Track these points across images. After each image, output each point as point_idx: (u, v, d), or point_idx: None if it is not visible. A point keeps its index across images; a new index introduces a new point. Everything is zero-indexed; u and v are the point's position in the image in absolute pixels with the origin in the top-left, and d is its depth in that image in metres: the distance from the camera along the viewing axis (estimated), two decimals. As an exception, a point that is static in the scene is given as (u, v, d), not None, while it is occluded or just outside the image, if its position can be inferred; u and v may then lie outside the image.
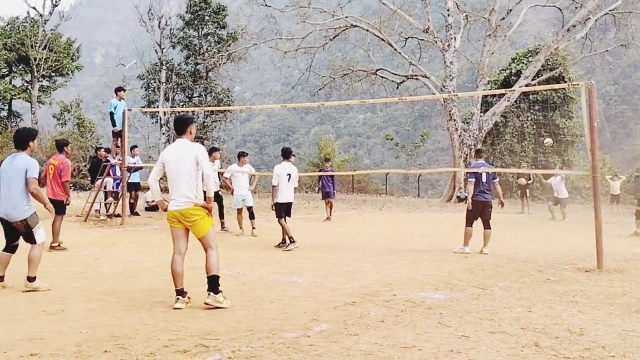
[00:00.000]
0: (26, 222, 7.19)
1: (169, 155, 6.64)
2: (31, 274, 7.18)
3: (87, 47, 53.33)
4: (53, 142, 33.29)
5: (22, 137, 7.51)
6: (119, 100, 15.84)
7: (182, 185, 6.48)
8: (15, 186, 7.18)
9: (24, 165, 7.23)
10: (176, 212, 6.48)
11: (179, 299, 6.41)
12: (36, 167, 7.32)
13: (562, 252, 11.50)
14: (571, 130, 35.49)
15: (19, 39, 36.52)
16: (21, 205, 7.17)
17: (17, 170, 7.22)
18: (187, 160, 6.50)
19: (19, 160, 7.29)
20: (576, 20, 30.42)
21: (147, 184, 20.56)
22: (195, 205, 6.48)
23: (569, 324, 5.88)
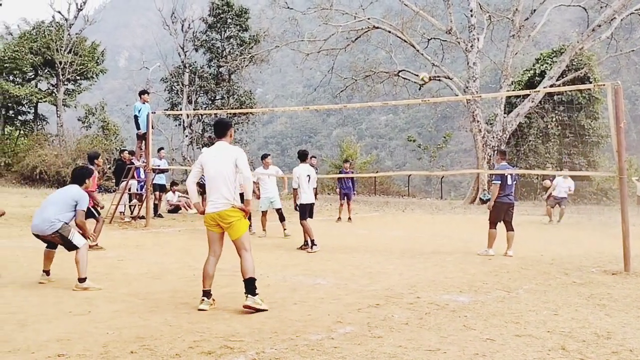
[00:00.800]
0: (59, 233, 7.43)
1: (208, 157, 6.69)
2: (80, 275, 7.41)
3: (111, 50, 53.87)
4: (78, 145, 33.86)
5: (79, 174, 8.02)
6: (143, 103, 15.96)
7: (220, 187, 6.52)
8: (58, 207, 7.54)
9: (77, 196, 7.63)
10: (214, 213, 6.52)
11: (204, 300, 6.45)
12: (86, 200, 7.76)
13: (589, 254, 11.37)
14: (597, 131, 35.08)
15: (44, 43, 37.04)
16: (55, 221, 7.44)
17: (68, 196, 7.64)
18: (227, 163, 6.55)
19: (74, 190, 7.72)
20: (601, 20, 30.06)
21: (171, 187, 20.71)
22: (233, 207, 6.51)
23: (596, 327, 5.80)
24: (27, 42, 37.14)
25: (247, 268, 6.46)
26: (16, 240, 11.64)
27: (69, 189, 7.78)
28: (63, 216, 7.51)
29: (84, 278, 7.40)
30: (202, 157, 6.81)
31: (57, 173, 32.00)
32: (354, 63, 37.56)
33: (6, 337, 5.22)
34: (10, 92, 35.40)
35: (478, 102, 30.94)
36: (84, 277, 7.40)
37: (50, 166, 32.17)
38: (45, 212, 7.51)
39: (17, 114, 39.29)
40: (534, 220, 20.04)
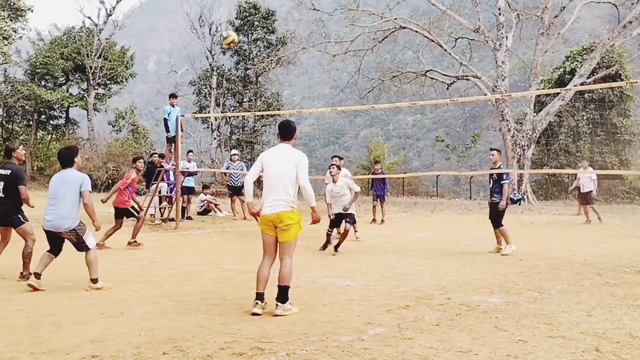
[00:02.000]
0: (75, 232, 7.52)
1: (270, 158, 6.62)
2: (93, 276, 7.56)
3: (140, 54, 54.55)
4: (109, 149, 34.29)
5: (66, 156, 7.88)
6: (172, 106, 16.13)
7: (279, 189, 6.41)
8: (68, 200, 7.53)
9: (79, 179, 7.65)
10: (272, 214, 6.40)
11: (257, 304, 6.31)
12: (88, 181, 7.80)
13: (622, 254, 11.20)
14: (629, 129, 34.54)
15: (75, 48, 37.60)
16: (71, 216, 7.52)
17: (71, 184, 7.60)
18: (289, 165, 6.47)
19: (72, 175, 7.70)
20: (632, 17, 29.56)
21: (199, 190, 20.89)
22: (292, 209, 6.43)
23: (631, 328, 5.72)
24: (58, 47, 37.73)
25: (285, 275, 6.39)
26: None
27: (67, 175, 7.70)
28: (77, 211, 7.57)
29: (96, 279, 7.57)
30: (263, 157, 6.73)
31: (88, 176, 32.43)
32: (381, 63, 37.47)
33: (42, 339, 5.32)
34: (42, 97, 35.98)
35: (507, 101, 30.66)
36: (97, 277, 7.58)
37: (82, 169, 32.29)
38: (59, 208, 7.49)
39: (49, 119, 39.92)
40: (565, 220, 19.79)
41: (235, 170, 18.69)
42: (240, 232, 15.31)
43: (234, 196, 19.05)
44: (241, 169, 19.03)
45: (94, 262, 7.58)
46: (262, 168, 6.63)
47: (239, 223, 17.68)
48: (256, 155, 36.38)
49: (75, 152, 8.04)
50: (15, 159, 8.46)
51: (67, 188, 7.56)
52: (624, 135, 34.61)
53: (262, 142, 37.34)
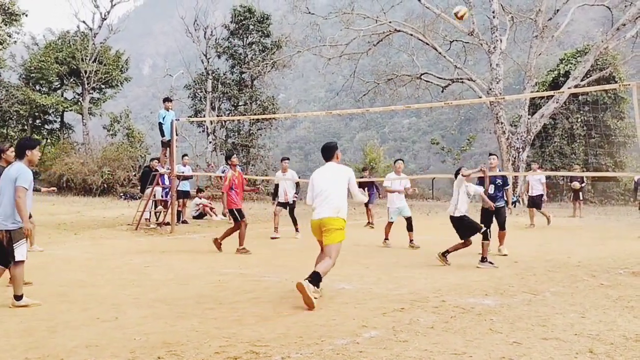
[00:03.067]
0: (9, 234, 6.78)
1: (320, 177, 7.53)
2: (16, 292, 6.83)
3: (135, 58, 54.50)
4: (104, 153, 34.26)
5: (19, 145, 7.15)
6: (167, 110, 16.11)
7: (329, 200, 7.29)
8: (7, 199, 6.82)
9: (15, 173, 6.84)
10: (318, 220, 7.30)
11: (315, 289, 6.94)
12: (27, 176, 6.87)
13: (616, 256, 11.23)
14: (623, 131, 34.63)
15: (70, 53, 37.60)
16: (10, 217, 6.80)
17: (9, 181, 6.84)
18: (340, 181, 7.43)
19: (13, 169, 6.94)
20: (626, 19, 29.67)
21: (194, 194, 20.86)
22: (337, 217, 7.25)
23: (625, 330, 5.74)
24: (53, 52, 37.73)
25: (324, 268, 7.09)
26: (45, 247, 11.80)
27: (9, 170, 6.94)
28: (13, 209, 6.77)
29: (20, 295, 6.81)
30: (314, 177, 7.61)
31: (83, 181, 32.38)
32: (376, 67, 37.53)
33: (36, 344, 5.31)
34: (37, 102, 35.99)
35: (501, 104, 30.73)
36: (21, 294, 6.81)
37: (77, 174, 32.56)
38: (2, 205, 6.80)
39: (43, 123, 39.93)
40: (559, 222, 19.83)
41: (231, 173, 18.64)
42: (236, 236, 15.29)
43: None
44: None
45: (19, 278, 6.82)
46: (314, 186, 7.53)
47: (234, 227, 17.66)
48: (252, 158, 36.45)
49: (32, 144, 7.14)
50: (4, 161, 8.32)
51: (7, 183, 6.82)
52: (619, 137, 34.71)
53: (257, 145, 37.35)
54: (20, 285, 6.83)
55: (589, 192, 31.45)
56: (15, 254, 6.79)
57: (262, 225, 18.74)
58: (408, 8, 39.22)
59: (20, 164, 6.96)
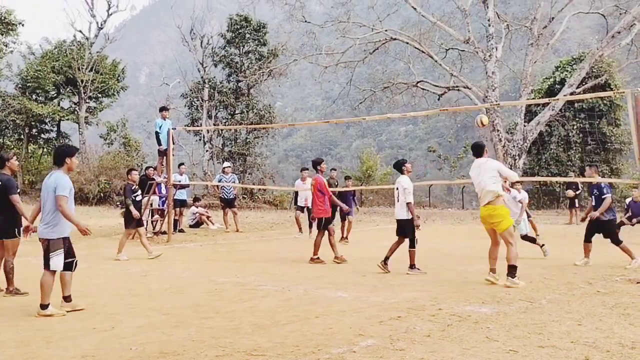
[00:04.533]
0: (48, 242, 6.99)
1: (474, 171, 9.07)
2: (43, 301, 6.91)
3: (131, 67, 54.58)
4: (101, 162, 34.23)
5: (57, 154, 7.26)
6: (164, 119, 16.14)
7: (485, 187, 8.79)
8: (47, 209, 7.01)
9: (54, 183, 6.97)
10: (483, 209, 8.92)
11: (491, 274, 8.93)
12: (65, 185, 7.01)
13: (612, 263, 11.24)
14: (619, 138, 34.70)
15: (66, 62, 37.58)
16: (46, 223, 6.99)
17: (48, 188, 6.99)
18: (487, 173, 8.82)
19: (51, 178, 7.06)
20: (621, 27, 29.81)
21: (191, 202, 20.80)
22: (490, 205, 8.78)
23: (621, 337, 5.75)
24: (49, 61, 37.71)
25: (510, 257, 8.70)
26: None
27: (48, 180, 7.06)
28: (54, 215, 6.93)
29: (46, 305, 6.89)
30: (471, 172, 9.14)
31: (79, 190, 32.30)
32: (373, 75, 37.59)
33: (32, 354, 5.30)
34: (34, 111, 35.92)
35: (498, 111, 30.80)
36: (47, 303, 6.89)
37: (73, 183, 32.28)
38: (43, 213, 7.05)
39: (40, 132, 39.85)
40: (556, 229, 19.86)
41: (228, 182, 18.68)
42: (233, 245, 15.30)
43: (226, 208, 19.02)
44: (233, 181, 19.03)
45: (46, 286, 6.91)
46: None
47: (231, 235, 17.68)
48: (249, 167, 36.40)
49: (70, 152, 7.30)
50: (8, 169, 8.38)
51: (48, 194, 7.00)
52: (615, 144, 34.77)
53: (254, 153, 37.34)
54: (46, 293, 6.87)
55: (585, 199, 31.49)
56: (51, 263, 6.94)
57: (259, 233, 18.75)
58: (404, 16, 39.32)
59: (59, 172, 7.08)
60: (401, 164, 10.82)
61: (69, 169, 7.21)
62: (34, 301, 7.57)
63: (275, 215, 27.20)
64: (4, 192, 8.04)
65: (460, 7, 32.58)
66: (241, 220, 19.93)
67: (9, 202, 8.04)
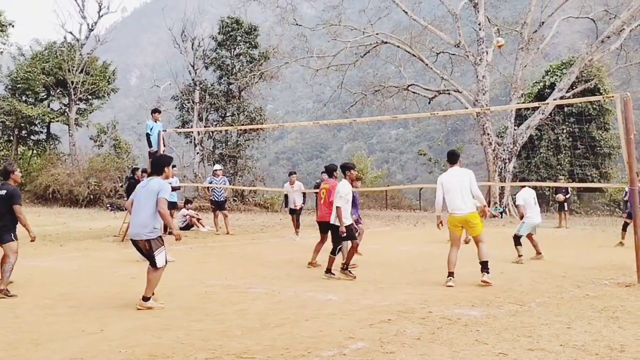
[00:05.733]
0: (150, 243, 7.33)
1: (448, 179, 9.26)
2: (146, 294, 7.36)
3: (122, 69, 54.29)
4: (91, 164, 34.08)
5: (157, 163, 7.80)
6: (155, 121, 16.07)
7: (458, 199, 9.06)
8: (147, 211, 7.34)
9: (157, 187, 7.38)
10: (460, 217, 9.11)
11: (450, 279, 9.06)
12: (168, 189, 7.54)
13: (601, 266, 11.29)
14: (608, 142, 34.92)
15: (56, 64, 37.44)
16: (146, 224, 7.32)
17: (150, 192, 7.39)
18: (464, 181, 9.09)
19: (153, 183, 7.48)
20: (610, 31, 30.03)
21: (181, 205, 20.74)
22: (473, 212, 9.12)
23: (610, 341, 5.77)
24: (40, 62, 37.57)
25: (483, 253, 9.15)
26: (30, 260, 11.72)
27: (149, 183, 7.54)
28: (155, 216, 7.32)
29: (148, 297, 7.35)
30: (442, 179, 9.34)
31: (69, 192, 32.22)
32: (364, 78, 37.68)
33: (20, 357, 5.27)
34: (23, 112, 35.78)
35: (488, 115, 30.92)
36: (149, 296, 7.37)
37: (63, 185, 32.39)
38: (139, 216, 7.38)
39: (29, 134, 39.69)
40: (545, 233, 19.93)
41: (219, 184, 18.64)
42: (223, 247, 15.27)
43: (216, 211, 18.99)
44: (224, 184, 19.00)
45: (153, 282, 7.39)
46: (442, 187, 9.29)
47: (221, 238, 17.63)
48: (239, 169, 36.40)
49: (168, 161, 7.92)
50: (12, 180, 8.74)
51: (146, 197, 7.41)
52: (604, 149, 34.99)
53: (245, 156, 37.31)
54: (152, 288, 7.37)
55: (574, 203, 31.65)
56: (157, 261, 7.34)
57: (250, 236, 18.72)
58: (395, 20, 39.41)
59: (159, 178, 7.55)
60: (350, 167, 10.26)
61: (166, 177, 7.74)
62: (23, 303, 7.54)
63: (265, 218, 27.18)
64: (8, 202, 8.46)
65: (451, 11, 32.73)
66: (232, 223, 19.89)
67: (11, 211, 8.46)
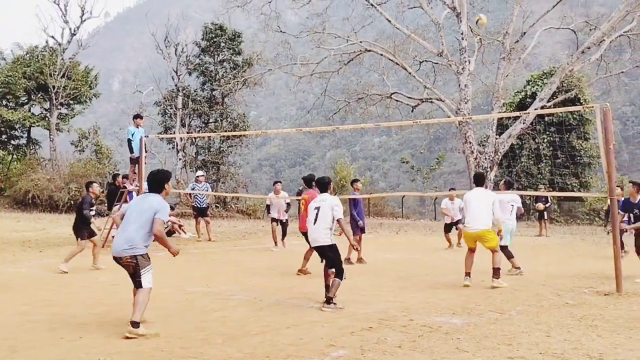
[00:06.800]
0: (136, 260, 6.58)
1: (473, 196, 10.16)
2: (135, 318, 6.38)
3: (104, 74, 54.06)
4: (71, 169, 33.79)
5: (157, 179, 6.90)
6: (137, 127, 16.01)
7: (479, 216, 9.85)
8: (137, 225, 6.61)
9: (155, 206, 6.61)
10: (474, 233, 9.90)
11: (467, 278, 9.92)
12: (167, 210, 6.74)
13: (581, 275, 11.40)
14: (588, 151, 35.29)
15: (38, 68, 37.16)
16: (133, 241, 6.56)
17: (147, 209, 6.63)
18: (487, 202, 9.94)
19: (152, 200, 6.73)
20: (591, 42, 30.37)
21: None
22: (486, 229, 9.82)
23: (588, 349, 5.82)
24: (21, 66, 37.26)
25: (495, 261, 9.85)
26: (9, 265, 11.59)
27: (148, 198, 6.78)
28: (145, 233, 6.57)
29: (137, 322, 6.35)
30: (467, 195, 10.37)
31: (49, 197, 31.89)
32: (347, 86, 37.74)
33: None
34: (3, 117, 35.45)
35: (470, 124, 31.11)
36: (138, 321, 6.37)
37: (43, 190, 32.07)
38: (126, 230, 6.61)
39: (10, 139, 39.30)
40: (526, 242, 20.08)
41: (201, 191, 18.58)
42: (205, 254, 15.20)
43: (198, 217, 18.91)
44: (206, 190, 18.93)
45: (141, 304, 6.49)
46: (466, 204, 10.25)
47: (203, 245, 17.56)
48: (222, 176, 36.27)
49: (168, 177, 7.04)
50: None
51: (140, 211, 6.66)
52: (584, 158, 35.36)
53: (228, 162, 37.21)
54: (141, 311, 6.47)
55: (554, 212, 31.88)
56: (143, 281, 6.59)
57: (232, 242, 18.65)
58: (379, 28, 39.58)
59: (159, 196, 6.79)
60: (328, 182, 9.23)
61: (166, 194, 6.93)
62: (0, 310, 7.43)
63: (248, 225, 27.10)
64: None
65: (434, 21, 32.91)
66: (214, 230, 19.82)
67: None
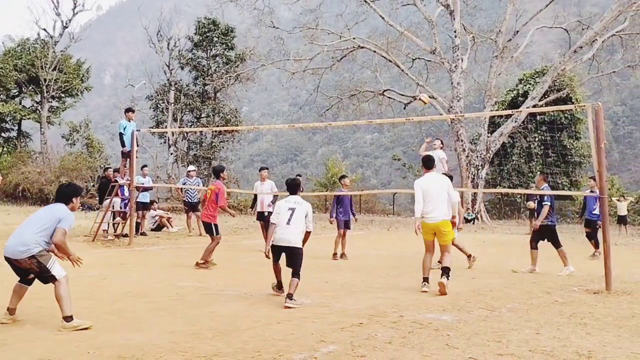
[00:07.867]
0: (36, 259, 6.34)
1: (427, 185, 9.05)
2: (65, 313, 6.26)
3: (96, 67, 53.80)
4: (62, 162, 33.64)
5: (66, 192, 6.81)
6: (128, 121, 15.93)
7: (438, 206, 8.89)
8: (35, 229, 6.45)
9: (59, 214, 6.52)
10: (433, 224, 8.94)
11: (425, 284, 8.96)
12: (71, 220, 6.60)
13: (571, 273, 11.42)
14: (579, 150, 35.48)
15: (29, 60, 36.94)
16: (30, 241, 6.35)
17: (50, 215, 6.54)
18: (442, 188, 9.04)
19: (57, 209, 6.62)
20: (583, 42, 30.50)
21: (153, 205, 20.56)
22: (446, 220, 8.96)
23: (577, 347, 5.84)
24: (12, 59, 37.03)
25: (446, 261, 9.07)
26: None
27: (53, 206, 6.70)
28: (42, 238, 6.41)
29: (70, 316, 6.26)
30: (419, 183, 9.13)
31: (40, 190, 31.76)
32: (340, 82, 37.79)
33: (-14, 357, 5.18)
34: (-6, 109, 35.24)
35: (462, 122, 31.20)
36: (70, 314, 6.28)
37: (34, 183, 31.93)
38: (23, 233, 6.42)
39: (0, 131, 39.07)
40: (517, 239, 20.15)
41: (192, 185, 18.53)
42: (196, 249, 15.15)
43: (190, 212, 18.87)
44: (197, 185, 18.88)
45: (65, 297, 6.31)
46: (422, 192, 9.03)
47: (194, 239, 17.50)
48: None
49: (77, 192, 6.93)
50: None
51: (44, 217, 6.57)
52: (575, 157, 35.54)
53: (219, 157, 37.13)
54: (68, 304, 6.31)
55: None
56: (54, 273, 6.38)
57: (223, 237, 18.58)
58: (372, 25, 39.59)
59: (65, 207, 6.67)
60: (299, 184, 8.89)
61: (73, 208, 6.76)
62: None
63: (239, 220, 27.03)
64: None
65: (427, 18, 32.97)
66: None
67: None
